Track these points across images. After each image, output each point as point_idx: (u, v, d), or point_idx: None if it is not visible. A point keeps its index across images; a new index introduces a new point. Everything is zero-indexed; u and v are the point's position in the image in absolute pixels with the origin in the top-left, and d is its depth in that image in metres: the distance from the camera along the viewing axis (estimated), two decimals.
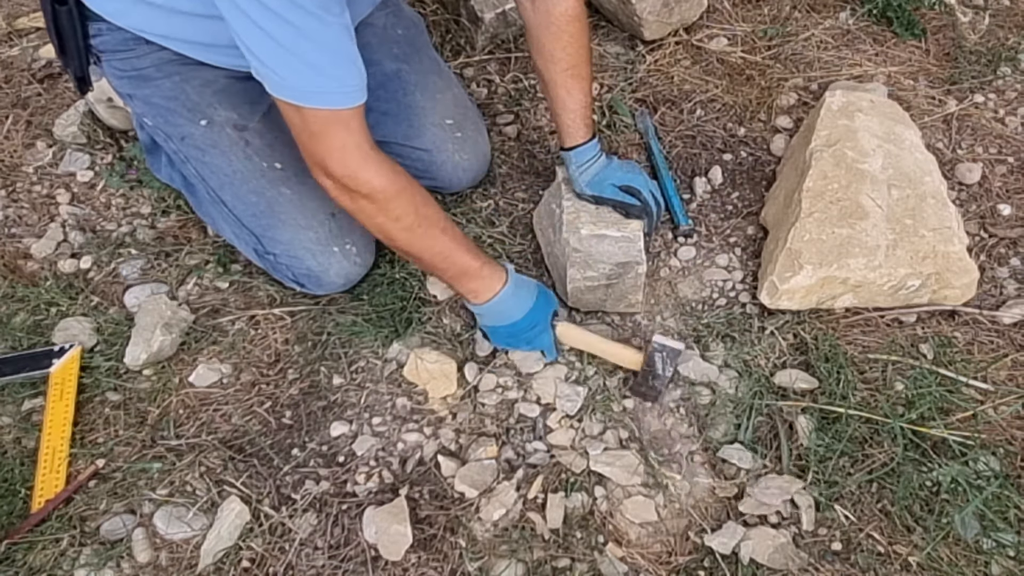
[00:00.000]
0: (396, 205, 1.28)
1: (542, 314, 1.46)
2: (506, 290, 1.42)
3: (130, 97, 1.54)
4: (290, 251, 1.52)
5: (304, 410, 1.49)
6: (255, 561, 1.32)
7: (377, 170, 1.25)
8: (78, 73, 1.53)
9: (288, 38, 1.12)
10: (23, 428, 1.47)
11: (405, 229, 1.31)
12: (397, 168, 1.30)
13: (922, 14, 2.14)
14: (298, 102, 1.18)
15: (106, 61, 1.49)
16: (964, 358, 1.51)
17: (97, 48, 1.47)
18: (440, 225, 1.35)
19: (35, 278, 1.69)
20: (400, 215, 1.30)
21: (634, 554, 1.32)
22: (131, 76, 1.49)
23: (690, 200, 1.79)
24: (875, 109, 1.71)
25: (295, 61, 1.15)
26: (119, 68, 1.49)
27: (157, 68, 1.46)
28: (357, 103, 1.21)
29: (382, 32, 1.69)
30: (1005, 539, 1.29)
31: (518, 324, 1.44)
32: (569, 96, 1.50)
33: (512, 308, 1.43)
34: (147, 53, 1.45)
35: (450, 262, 1.37)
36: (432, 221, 1.33)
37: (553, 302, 1.50)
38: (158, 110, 1.50)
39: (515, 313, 1.43)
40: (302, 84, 1.17)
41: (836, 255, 1.49)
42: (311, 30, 1.13)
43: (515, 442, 1.44)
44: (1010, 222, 1.75)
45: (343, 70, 1.19)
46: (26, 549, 1.33)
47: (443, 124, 1.67)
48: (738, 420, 1.45)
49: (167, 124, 1.51)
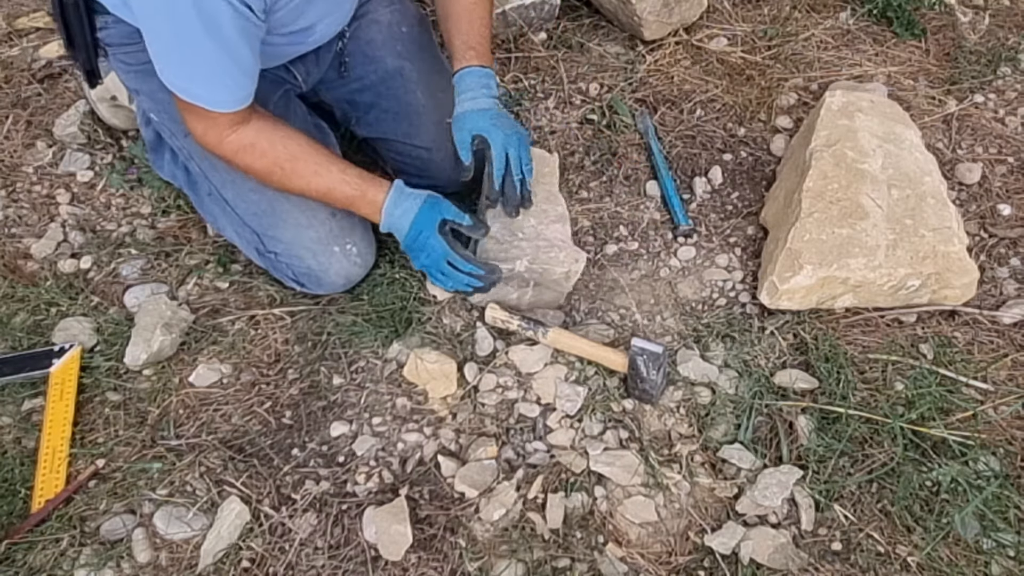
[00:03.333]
0: (258, 165, 1.42)
1: (426, 221, 1.45)
2: (386, 208, 1.46)
3: (136, 92, 1.54)
4: (291, 250, 1.53)
5: (304, 410, 1.49)
6: (255, 561, 1.32)
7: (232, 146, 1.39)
8: (87, 66, 1.53)
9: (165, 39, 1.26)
10: (23, 428, 1.47)
11: (273, 181, 1.45)
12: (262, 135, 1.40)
13: (922, 14, 2.14)
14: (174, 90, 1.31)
15: (113, 55, 1.49)
16: (964, 358, 1.51)
17: (104, 41, 1.48)
18: (312, 169, 1.43)
19: (35, 278, 1.68)
20: (263, 171, 1.43)
21: (634, 554, 1.32)
22: (137, 70, 1.49)
23: (690, 200, 1.79)
24: (875, 109, 1.71)
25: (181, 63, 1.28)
26: (125, 62, 1.49)
27: None
28: (226, 111, 1.34)
29: (387, 29, 1.69)
30: (1005, 539, 1.29)
31: (408, 238, 1.47)
32: (471, 26, 1.57)
33: (400, 222, 1.47)
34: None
35: (333, 198, 1.48)
36: (300, 172, 1.43)
37: (446, 211, 1.47)
38: (163, 105, 1.50)
39: (404, 226, 1.47)
40: (180, 82, 1.31)
41: (836, 255, 1.49)
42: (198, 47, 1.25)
43: (515, 442, 1.44)
44: (1010, 222, 1.75)
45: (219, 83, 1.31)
46: (26, 549, 1.32)
47: (444, 123, 1.67)
48: (738, 420, 1.45)
49: (171, 120, 1.51)
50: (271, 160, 1.41)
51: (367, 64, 1.68)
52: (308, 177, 1.43)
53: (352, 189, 1.46)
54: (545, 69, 2.03)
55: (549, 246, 1.51)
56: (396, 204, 1.47)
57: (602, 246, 1.72)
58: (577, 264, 1.52)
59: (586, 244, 1.71)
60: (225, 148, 1.40)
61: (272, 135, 1.41)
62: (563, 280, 1.53)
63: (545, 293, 1.56)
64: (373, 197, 1.47)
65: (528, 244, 1.51)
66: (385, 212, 1.47)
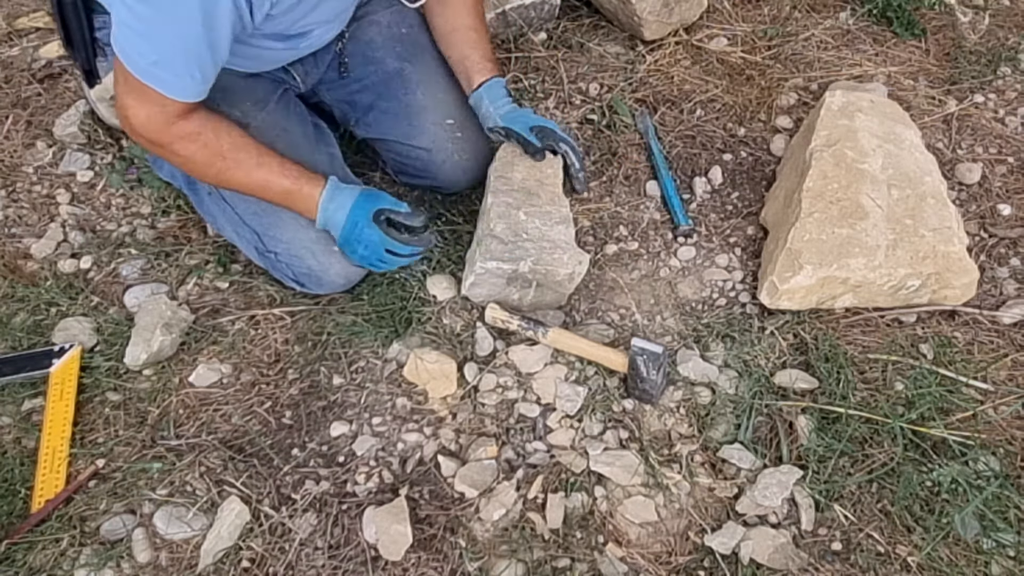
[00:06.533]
0: (200, 155, 1.38)
1: (361, 213, 1.46)
2: (321, 203, 1.46)
3: None
4: (291, 250, 1.53)
5: (304, 410, 1.49)
6: (255, 561, 1.32)
7: (176, 133, 1.35)
8: (85, 66, 1.53)
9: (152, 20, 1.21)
10: (23, 428, 1.47)
11: (211, 172, 1.42)
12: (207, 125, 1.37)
13: (922, 14, 2.14)
14: (132, 70, 1.26)
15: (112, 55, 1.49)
16: (964, 358, 1.51)
17: (103, 41, 1.47)
18: (254, 161, 1.42)
19: (35, 278, 1.69)
20: (203, 161, 1.39)
21: (634, 554, 1.32)
22: None
23: (690, 200, 1.79)
24: (875, 109, 1.71)
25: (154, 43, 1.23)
26: None
27: None
28: (183, 99, 1.31)
29: (386, 30, 1.69)
30: (1005, 539, 1.29)
31: (344, 231, 1.47)
32: (479, 39, 1.65)
33: (335, 216, 1.47)
34: None
35: (271, 192, 1.46)
36: (242, 162, 1.41)
37: (378, 201, 1.49)
38: None
39: (339, 220, 1.47)
40: (144, 63, 1.25)
41: (836, 255, 1.49)
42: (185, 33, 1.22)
43: (515, 442, 1.44)
44: (1010, 222, 1.75)
45: (184, 70, 1.27)
46: (26, 549, 1.32)
47: (444, 124, 1.67)
48: (738, 420, 1.45)
49: None
50: (214, 150, 1.38)
51: (367, 65, 1.68)
52: (249, 168, 1.41)
53: (290, 183, 1.44)
54: (545, 69, 2.03)
55: (553, 247, 1.51)
56: (331, 199, 1.47)
57: (602, 246, 1.72)
58: (580, 266, 1.53)
59: (586, 244, 1.71)
60: (168, 135, 1.35)
61: (217, 125, 1.39)
62: (566, 281, 1.54)
63: (547, 294, 1.56)
64: (310, 192, 1.46)
65: (532, 245, 1.51)
66: (320, 207, 1.47)
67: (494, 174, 1.59)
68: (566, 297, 1.60)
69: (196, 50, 1.26)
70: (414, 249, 1.51)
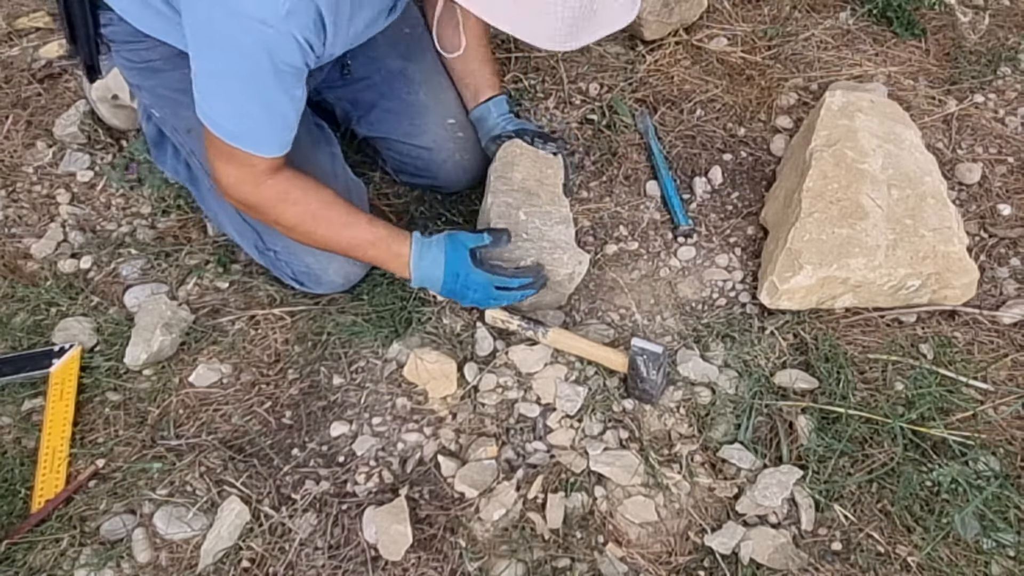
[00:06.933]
0: (290, 214, 1.39)
1: (459, 261, 1.45)
2: (413, 262, 1.45)
3: (138, 88, 1.54)
4: (290, 248, 1.53)
5: (304, 410, 1.49)
6: (255, 561, 1.32)
7: (267, 193, 1.36)
8: (88, 61, 1.53)
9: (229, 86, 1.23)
10: (23, 428, 1.47)
11: (300, 231, 1.42)
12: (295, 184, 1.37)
13: (922, 14, 2.14)
14: (217, 133, 1.28)
15: (116, 51, 1.49)
16: (964, 358, 1.51)
17: (108, 37, 1.47)
18: (343, 220, 1.42)
19: (35, 278, 1.68)
20: (293, 220, 1.40)
21: (634, 554, 1.32)
22: (140, 67, 1.49)
23: (690, 200, 1.79)
24: (875, 109, 1.71)
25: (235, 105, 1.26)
26: (128, 59, 1.49)
27: (165, 61, 1.46)
28: (270, 156, 1.31)
29: (389, 30, 1.69)
30: (1005, 539, 1.29)
31: (446, 284, 1.46)
32: (488, 56, 1.71)
33: (431, 272, 1.45)
34: (155, 46, 1.45)
35: (360, 251, 1.46)
36: (330, 221, 1.41)
37: (467, 241, 1.47)
38: (165, 101, 1.50)
39: (437, 275, 1.45)
40: (228, 124, 1.27)
41: (836, 255, 1.49)
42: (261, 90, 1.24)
43: (515, 442, 1.44)
44: (1010, 222, 1.75)
45: (267, 126, 1.29)
46: (26, 549, 1.32)
47: (445, 123, 1.67)
48: (738, 420, 1.45)
49: (174, 116, 1.51)
50: (303, 208, 1.38)
51: (369, 64, 1.68)
52: (338, 228, 1.42)
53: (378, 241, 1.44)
54: (545, 69, 2.03)
55: (553, 247, 1.51)
56: (421, 257, 1.45)
57: (602, 246, 1.72)
58: (580, 266, 1.53)
59: (586, 244, 1.71)
60: (259, 196, 1.36)
61: (304, 183, 1.39)
62: (566, 282, 1.53)
63: (547, 294, 1.56)
64: (397, 251, 1.45)
65: (532, 245, 1.51)
66: (413, 267, 1.45)
67: (494, 174, 1.59)
68: (566, 297, 1.60)
69: (274, 105, 1.28)
70: (523, 280, 1.47)
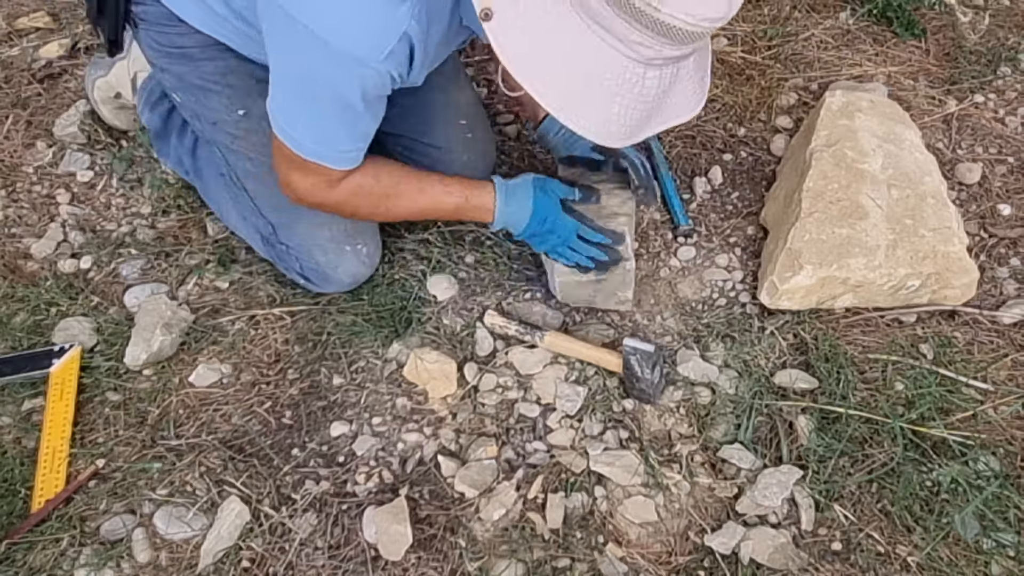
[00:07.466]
0: (365, 204, 1.41)
1: (549, 206, 1.46)
2: (499, 207, 1.46)
3: (162, 70, 1.51)
4: (304, 244, 1.53)
5: (304, 410, 1.49)
6: (255, 561, 1.32)
7: (342, 194, 1.37)
8: (111, 36, 1.50)
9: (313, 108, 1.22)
10: (23, 428, 1.47)
11: (379, 214, 1.48)
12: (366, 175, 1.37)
13: (922, 14, 2.14)
14: (295, 150, 1.27)
15: (144, 30, 1.46)
16: (964, 358, 1.51)
17: (138, 16, 1.44)
18: (416, 187, 1.44)
19: (35, 278, 1.68)
20: (369, 208, 1.43)
21: (634, 554, 1.32)
22: (170, 51, 1.45)
23: (690, 200, 1.79)
24: (875, 109, 1.71)
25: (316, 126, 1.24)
26: (157, 41, 1.45)
27: (201, 50, 1.43)
28: (344, 168, 1.32)
29: None
30: (1005, 539, 1.29)
31: (531, 227, 1.47)
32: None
33: (517, 215, 1.47)
34: (191, 32, 1.41)
35: (439, 212, 1.49)
36: (404, 193, 1.43)
37: (557, 190, 1.49)
38: (193, 89, 1.48)
39: (523, 217, 1.47)
40: (311, 143, 1.26)
41: (836, 255, 1.49)
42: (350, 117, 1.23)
43: (515, 442, 1.44)
44: (1010, 222, 1.75)
45: (350, 144, 1.30)
46: (26, 549, 1.32)
47: (457, 123, 1.67)
48: (738, 420, 1.45)
49: (200, 105, 1.49)
50: (378, 194, 1.40)
51: None
52: (414, 197, 1.43)
53: (457, 198, 1.45)
54: None
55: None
56: (507, 202, 1.47)
57: None
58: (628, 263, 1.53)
59: None
60: (336, 197, 1.37)
61: (376, 170, 1.39)
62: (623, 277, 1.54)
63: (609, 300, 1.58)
64: (480, 202, 1.46)
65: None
66: (498, 213, 1.47)
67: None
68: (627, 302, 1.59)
69: (362, 128, 1.28)
70: (603, 238, 1.48)
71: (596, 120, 1.06)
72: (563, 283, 1.55)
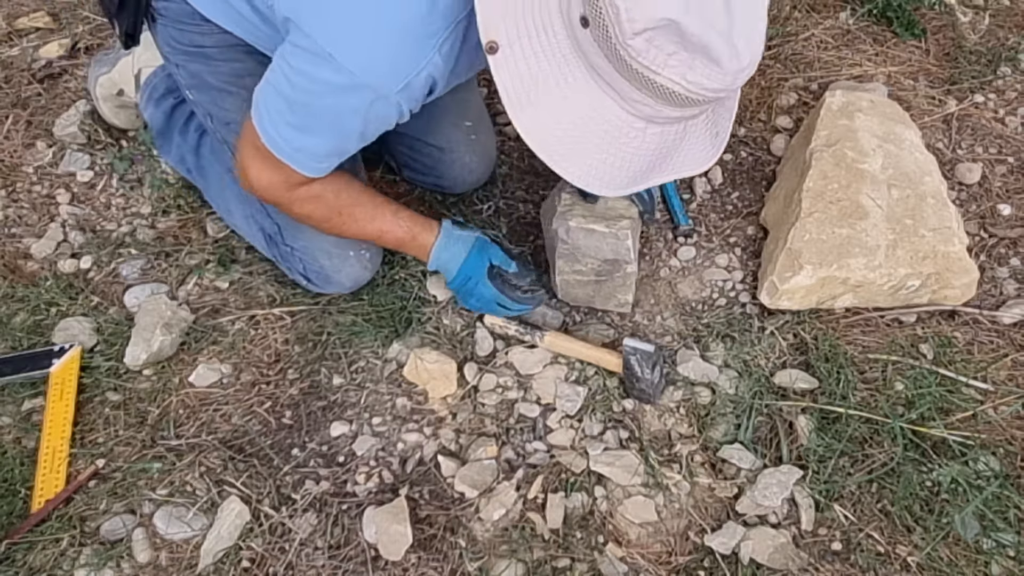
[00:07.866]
0: (318, 213, 1.39)
1: (475, 268, 1.47)
2: (434, 251, 1.48)
3: (177, 66, 1.50)
4: (309, 247, 1.53)
5: (304, 410, 1.49)
6: (255, 561, 1.32)
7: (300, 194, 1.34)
8: (129, 29, 1.48)
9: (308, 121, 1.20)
10: (23, 428, 1.47)
11: (326, 228, 1.44)
12: (327, 186, 1.36)
13: (922, 14, 2.14)
14: (271, 149, 1.24)
15: (163, 26, 1.45)
16: (964, 358, 1.51)
17: (159, 11, 1.43)
18: (369, 214, 1.43)
19: (35, 278, 1.68)
20: (321, 218, 1.41)
21: (634, 554, 1.32)
22: (187, 49, 1.45)
23: (690, 200, 1.79)
24: (875, 109, 1.71)
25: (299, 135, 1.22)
26: (175, 38, 1.45)
27: (220, 51, 1.43)
28: (312, 175, 1.30)
29: None
30: (1005, 539, 1.29)
31: (455, 281, 1.49)
32: None
33: (448, 265, 1.49)
34: (212, 32, 1.40)
35: (384, 240, 1.49)
36: (357, 216, 1.42)
37: (493, 256, 1.50)
38: (208, 88, 1.47)
39: (452, 269, 1.49)
40: (288, 147, 1.24)
41: (836, 255, 1.49)
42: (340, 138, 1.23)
43: (515, 442, 1.44)
44: (1010, 222, 1.75)
45: (327, 160, 1.29)
46: (26, 549, 1.33)
47: (461, 125, 1.67)
48: (738, 420, 1.45)
49: (214, 105, 1.49)
50: (333, 208, 1.40)
51: None
52: (365, 223, 1.44)
53: (404, 232, 1.47)
54: None
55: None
56: (444, 248, 1.48)
57: None
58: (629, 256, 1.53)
59: None
60: (291, 197, 1.36)
61: (337, 185, 1.38)
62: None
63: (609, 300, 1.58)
64: (423, 241, 1.48)
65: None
66: (433, 255, 1.49)
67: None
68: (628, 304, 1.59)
69: (346, 147, 1.28)
70: (524, 307, 1.52)
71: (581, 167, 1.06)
72: (563, 281, 1.55)
